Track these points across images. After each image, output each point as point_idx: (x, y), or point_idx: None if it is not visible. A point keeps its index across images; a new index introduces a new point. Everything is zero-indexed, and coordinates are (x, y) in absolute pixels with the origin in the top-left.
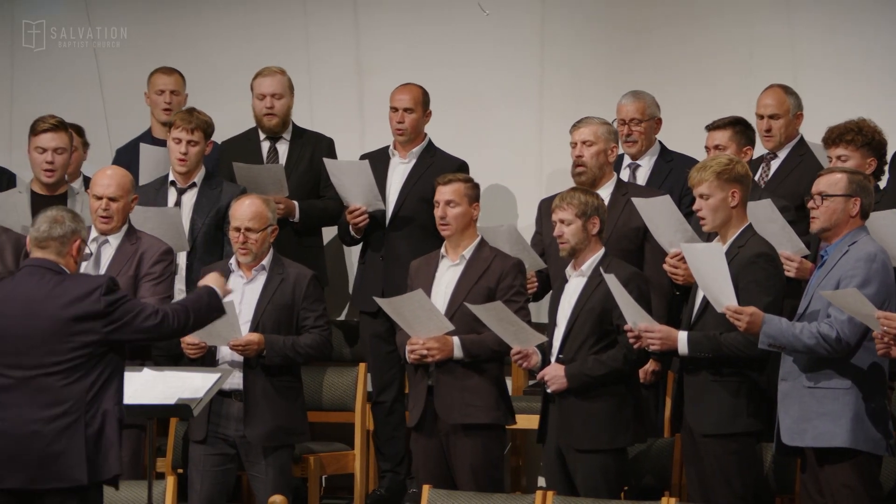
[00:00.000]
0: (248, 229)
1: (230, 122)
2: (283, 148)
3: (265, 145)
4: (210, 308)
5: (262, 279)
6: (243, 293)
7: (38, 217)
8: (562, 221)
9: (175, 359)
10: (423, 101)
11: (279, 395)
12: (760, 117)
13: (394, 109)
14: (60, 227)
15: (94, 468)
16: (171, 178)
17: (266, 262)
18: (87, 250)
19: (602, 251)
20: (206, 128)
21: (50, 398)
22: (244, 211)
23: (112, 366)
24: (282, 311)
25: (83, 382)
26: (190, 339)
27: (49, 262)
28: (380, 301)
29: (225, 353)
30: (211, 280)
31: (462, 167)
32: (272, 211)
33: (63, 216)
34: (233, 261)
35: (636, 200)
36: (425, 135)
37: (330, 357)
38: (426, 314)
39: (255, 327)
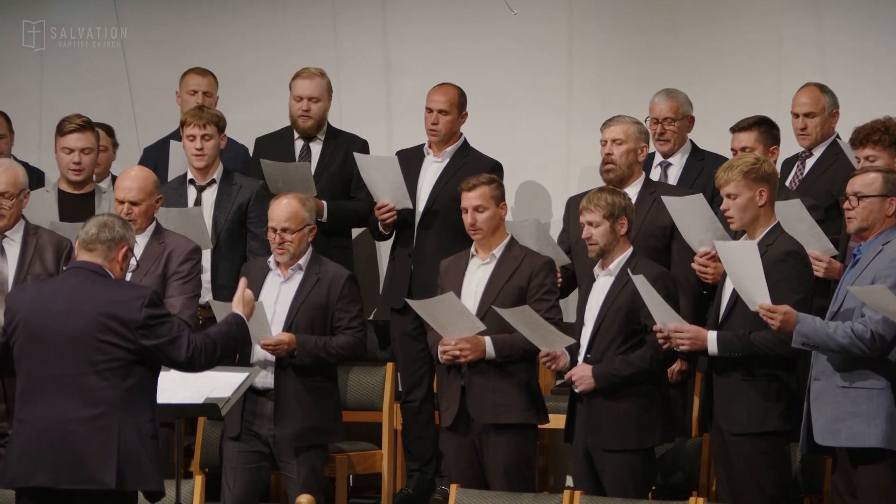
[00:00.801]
0: (284, 230)
1: (259, 121)
2: (316, 148)
3: (299, 144)
4: (238, 341)
5: (298, 278)
6: (279, 292)
7: (89, 220)
8: (590, 223)
9: None
10: (458, 103)
11: (311, 395)
12: (796, 115)
13: (429, 110)
14: (109, 231)
15: (123, 475)
16: (189, 176)
17: (303, 261)
18: (133, 259)
19: (630, 251)
20: (218, 121)
21: (85, 399)
22: (280, 212)
23: (148, 380)
24: (316, 311)
25: (119, 387)
26: None
27: (94, 265)
28: (411, 303)
29: (259, 351)
30: (241, 305)
31: (496, 167)
32: (309, 210)
33: (113, 222)
34: (271, 259)
35: (666, 199)
36: (461, 134)
37: (364, 358)
38: (457, 315)
39: (288, 327)
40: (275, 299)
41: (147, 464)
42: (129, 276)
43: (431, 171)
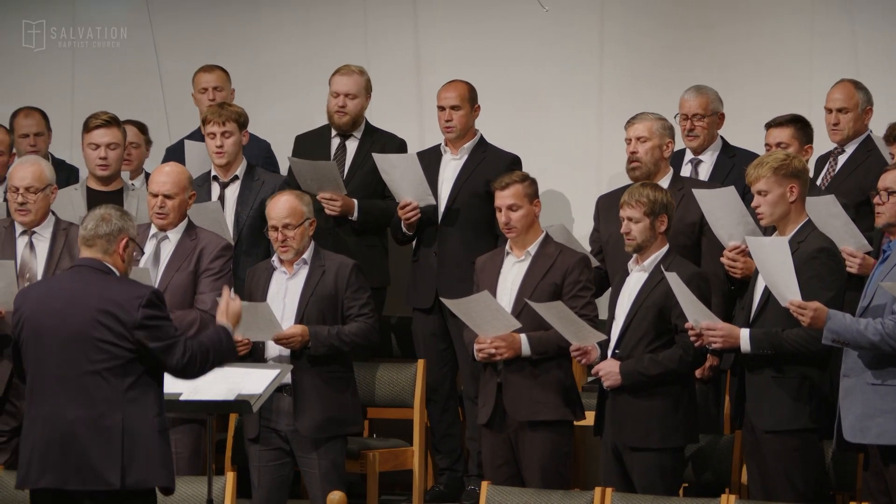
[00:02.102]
0: (285, 227)
1: (290, 118)
2: (352, 145)
3: (335, 142)
4: (225, 353)
5: (303, 273)
6: (286, 288)
7: (87, 215)
8: (630, 219)
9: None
10: (469, 98)
11: (328, 387)
12: (829, 111)
13: (441, 108)
14: (107, 224)
15: (128, 474)
16: (213, 173)
17: (307, 255)
18: (137, 249)
19: (666, 248)
20: (238, 118)
21: (87, 399)
22: (279, 209)
23: (150, 375)
24: (325, 303)
25: (119, 386)
26: (236, 337)
27: (95, 261)
28: (447, 302)
29: (271, 349)
30: (226, 315)
31: (514, 161)
32: (307, 204)
33: (110, 214)
34: (275, 258)
35: (697, 192)
36: (476, 130)
37: (379, 349)
38: (493, 314)
39: (299, 320)
40: (283, 295)
41: (154, 460)
42: (160, 272)
43: (450, 168)
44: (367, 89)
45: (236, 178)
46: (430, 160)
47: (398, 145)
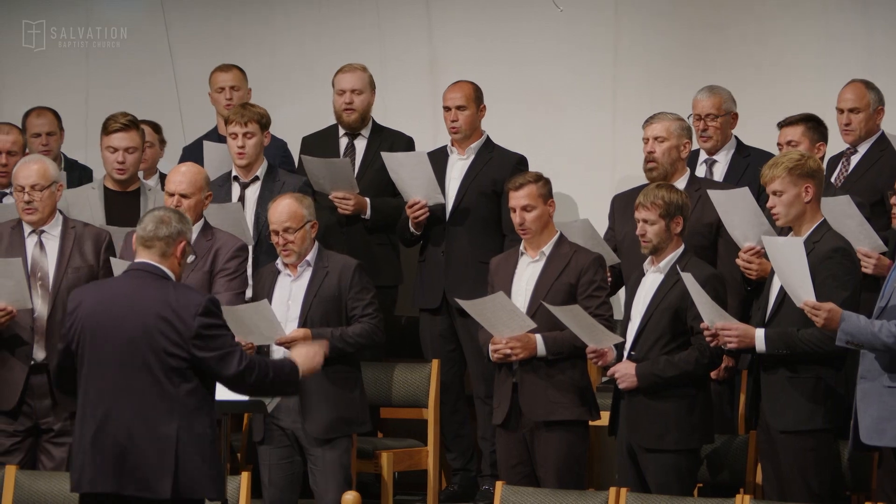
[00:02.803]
0: (285, 230)
1: (304, 117)
2: (360, 144)
3: (343, 141)
4: (287, 383)
5: (307, 275)
6: (291, 291)
7: (145, 216)
8: (645, 221)
9: None
10: (475, 97)
11: (335, 386)
12: (840, 111)
13: (446, 108)
14: (167, 227)
15: (179, 485)
16: (233, 173)
17: (310, 257)
18: (191, 253)
19: (682, 248)
20: (261, 119)
21: (142, 405)
22: (279, 213)
23: (205, 385)
24: (329, 304)
25: (175, 394)
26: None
27: (152, 265)
28: (462, 303)
29: (277, 351)
30: (303, 358)
31: (521, 161)
32: (307, 207)
33: (170, 216)
34: (279, 261)
35: (712, 193)
36: (483, 131)
37: (391, 350)
38: (508, 314)
39: (303, 322)
40: (287, 298)
41: (205, 471)
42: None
43: (457, 168)
44: (371, 85)
45: (256, 178)
46: (437, 160)
47: (406, 143)
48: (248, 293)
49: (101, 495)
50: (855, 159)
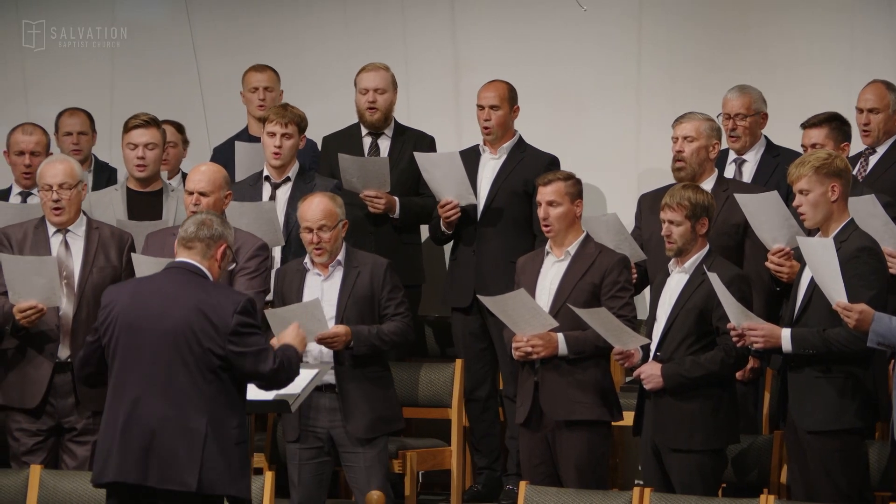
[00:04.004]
0: (320, 228)
1: (328, 116)
2: (384, 144)
3: (367, 141)
4: (296, 372)
5: (339, 275)
6: (322, 290)
7: (188, 219)
8: (670, 222)
9: None
10: (509, 98)
11: (374, 386)
12: (860, 111)
13: (480, 107)
14: (208, 229)
15: (206, 479)
16: (265, 173)
17: (341, 256)
18: (232, 258)
19: (706, 249)
20: (300, 122)
21: (174, 399)
22: (314, 211)
23: (237, 384)
24: (363, 303)
25: (207, 391)
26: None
27: (192, 264)
28: (483, 299)
29: (313, 351)
30: (297, 340)
31: (553, 162)
32: (340, 206)
33: (212, 220)
34: (307, 260)
35: (739, 196)
36: (515, 131)
37: (415, 350)
38: (529, 312)
39: (339, 321)
40: (319, 297)
41: (233, 470)
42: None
43: (489, 168)
44: (394, 85)
45: (288, 179)
46: (469, 160)
47: (429, 144)
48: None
49: (126, 488)
50: (874, 159)
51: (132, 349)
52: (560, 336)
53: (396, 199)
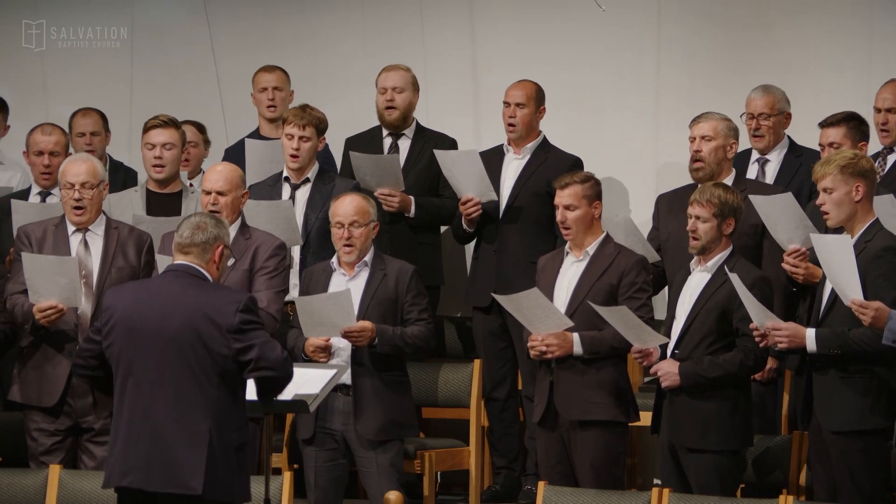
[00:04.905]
0: (352, 223)
1: (345, 117)
2: (404, 144)
3: (387, 141)
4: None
5: (364, 275)
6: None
7: (182, 223)
8: (697, 217)
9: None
10: (536, 98)
11: (389, 390)
12: (878, 111)
13: (506, 104)
14: (203, 233)
15: (211, 483)
16: (284, 174)
17: (368, 258)
18: (230, 258)
19: (730, 249)
20: (319, 124)
21: (178, 403)
22: (346, 207)
23: (238, 387)
24: (386, 306)
25: (211, 394)
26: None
27: (190, 266)
28: (499, 298)
29: (340, 342)
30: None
31: (576, 164)
32: (373, 207)
33: (206, 222)
34: (334, 260)
35: (753, 198)
36: (539, 131)
37: (434, 350)
38: (544, 311)
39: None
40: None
41: (234, 472)
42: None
43: (512, 167)
44: (413, 85)
45: (307, 180)
46: (492, 159)
47: (450, 145)
48: (294, 292)
49: (135, 491)
50: (892, 159)
51: (135, 355)
52: (575, 336)
53: (412, 198)
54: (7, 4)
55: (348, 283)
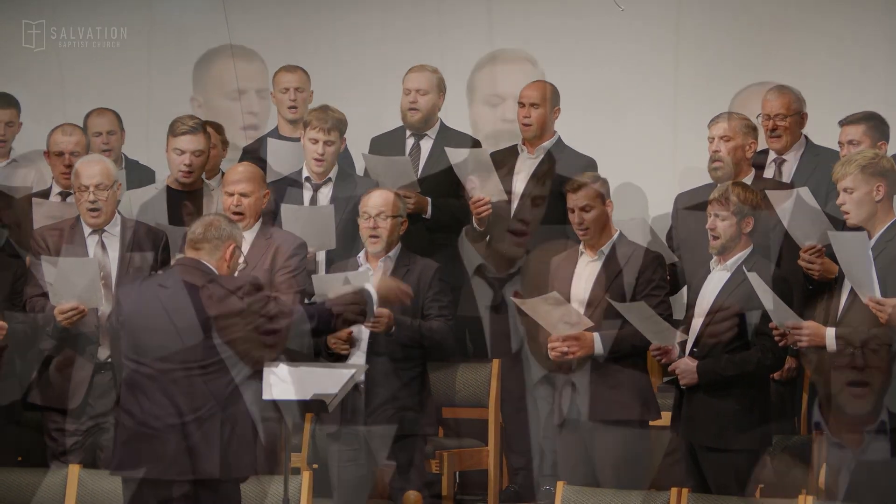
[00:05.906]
0: (378, 215)
1: (363, 117)
2: (426, 145)
3: (409, 142)
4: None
5: (388, 270)
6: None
7: (196, 221)
8: (717, 216)
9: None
10: (551, 98)
11: (404, 387)
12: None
13: (521, 104)
14: (215, 230)
15: (227, 465)
16: (304, 174)
17: (393, 253)
18: (242, 258)
19: (750, 248)
20: (342, 126)
21: (189, 393)
22: (375, 198)
23: (247, 376)
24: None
25: (221, 381)
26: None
27: (199, 262)
28: (517, 301)
29: (354, 331)
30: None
31: (590, 165)
32: (402, 202)
33: (219, 220)
34: (360, 255)
35: (770, 193)
36: (555, 131)
37: (451, 347)
38: (563, 313)
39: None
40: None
41: (248, 452)
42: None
43: (526, 167)
44: (439, 87)
45: (329, 180)
46: (506, 158)
47: (472, 145)
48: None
49: (143, 481)
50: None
51: (143, 348)
52: (596, 335)
53: (429, 199)
54: (7, 4)
55: (371, 277)
